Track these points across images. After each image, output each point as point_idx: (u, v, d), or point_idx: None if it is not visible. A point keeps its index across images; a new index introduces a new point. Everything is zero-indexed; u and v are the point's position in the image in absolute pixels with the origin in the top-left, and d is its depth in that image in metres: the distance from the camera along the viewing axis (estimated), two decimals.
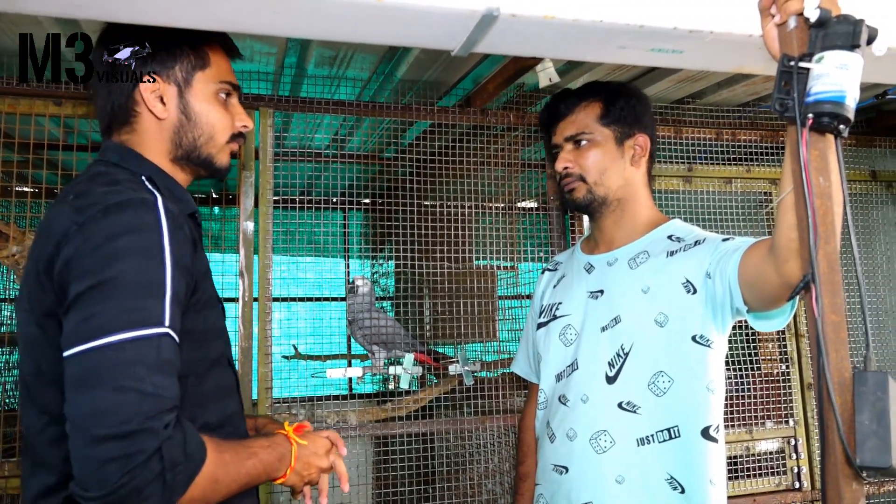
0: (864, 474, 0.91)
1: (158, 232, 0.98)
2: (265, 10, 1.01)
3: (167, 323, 0.95)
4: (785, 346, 2.62)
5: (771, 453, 2.53)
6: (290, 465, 1.13)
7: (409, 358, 2.29)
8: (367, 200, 3.79)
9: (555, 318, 1.61)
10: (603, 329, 1.48)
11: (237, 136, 1.22)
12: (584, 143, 1.53)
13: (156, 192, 1.05)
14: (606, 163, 1.52)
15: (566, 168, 1.54)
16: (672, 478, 1.38)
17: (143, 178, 1.10)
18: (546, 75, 2.00)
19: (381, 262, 3.79)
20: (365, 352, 2.47)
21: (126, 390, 0.89)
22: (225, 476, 0.99)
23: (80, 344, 0.91)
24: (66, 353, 0.92)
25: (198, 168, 1.19)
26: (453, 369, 2.30)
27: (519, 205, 2.49)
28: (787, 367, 2.60)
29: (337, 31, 1.12)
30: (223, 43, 1.21)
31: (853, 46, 0.95)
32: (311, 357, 3.18)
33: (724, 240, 1.40)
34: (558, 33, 1.11)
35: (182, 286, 1.00)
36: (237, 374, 1.28)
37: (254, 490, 1.15)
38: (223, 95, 1.19)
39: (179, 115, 1.15)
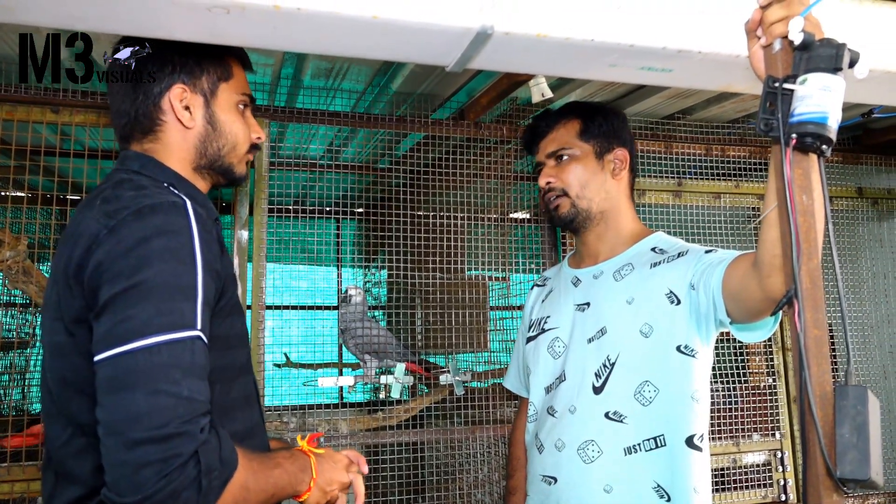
0: (845, 487, 0.93)
1: (189, 235, 0.98)
2: (263, 25, 1.02)
3: (199, 326, 0.94)
4: (772, 359, 2.64)
5: (758, 466, 2.54)
6: (313, 478, 1.10)
7: (400, 367, 2.30)
8: (360, 210, 3.80)
9: (543, 331, 1.63)
10: (589, 340, 1.50)
11: (253, 147, 1.23)
12: (565, 158, 1.57)
13: (183, 196, 1.04)
14: (587, 176, 1.56)
15: (549, 182, 1.58)
16: (659, 486, 1.39)
17: (166, 185, 1.10)
18: (539, 90, 2.03)
19: (373, 271, 3.80)
20: (357, 361, 2.47)
21: (162, 394, 0.88)
22: (255, 484, 0.98)
23: (114, 347, 0.89)
24: (98, 357, 0.91)
25: (218, 176, 1.20)
26: (444, 379, 2.31)
27: (511, 216, 2.52)
28: (774, 380, 2.62)
29: (334, 46, 1.13)
30: (239, 56, 1.22)
31: (836, 69, 0.97)
32: (302, 365, 3.18)
33: (707, 251, 1.43)
34: (550, 51, 1.13)
35: (212, 290, 1.00)
36: (257, 385, 1.26)
37: None
38: (241, 107, 1.20)
39: (206, 124, 1.15)
